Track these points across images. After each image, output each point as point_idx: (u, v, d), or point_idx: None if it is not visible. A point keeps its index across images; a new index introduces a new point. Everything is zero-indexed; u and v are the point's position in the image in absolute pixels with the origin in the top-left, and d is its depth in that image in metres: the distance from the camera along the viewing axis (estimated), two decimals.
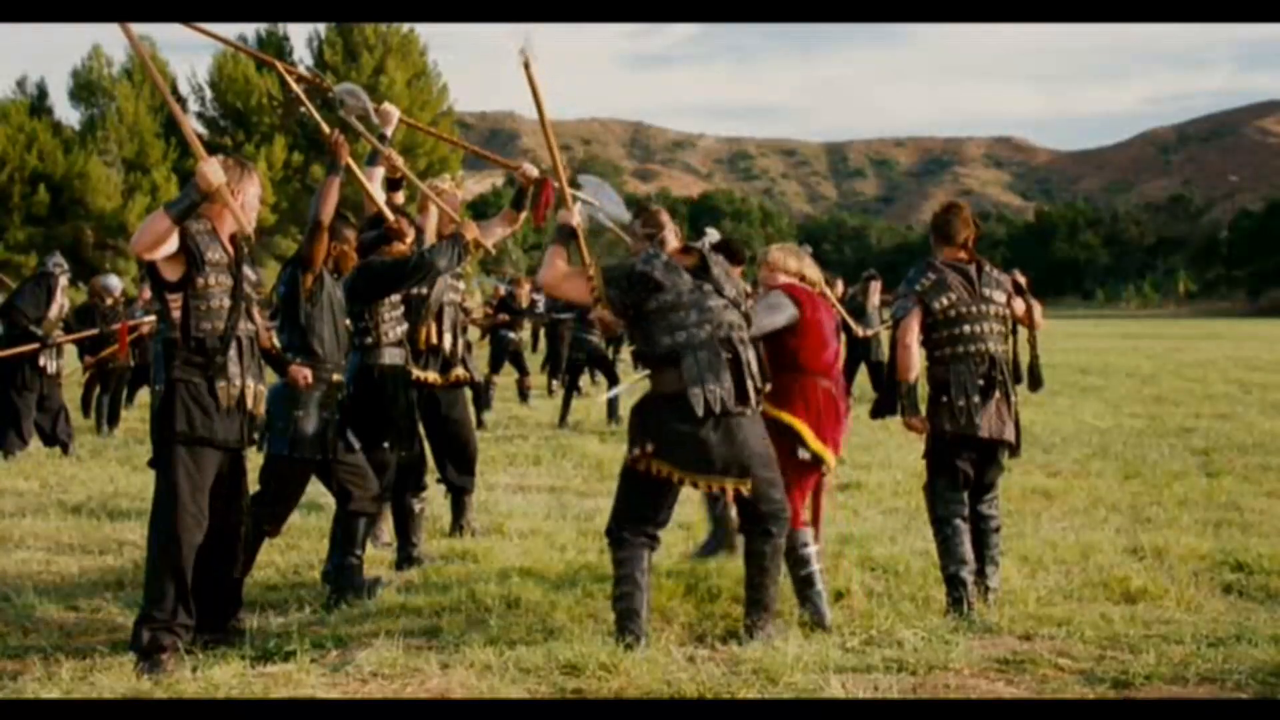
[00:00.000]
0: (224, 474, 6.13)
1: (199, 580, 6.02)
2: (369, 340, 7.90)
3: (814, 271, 7.34)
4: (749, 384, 6.15)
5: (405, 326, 8.15)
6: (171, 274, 5.94)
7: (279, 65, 8.10)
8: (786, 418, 6.66)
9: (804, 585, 6.61)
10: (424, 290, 8.33)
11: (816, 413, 6.72)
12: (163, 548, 5.93)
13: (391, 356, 7.96)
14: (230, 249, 6.11)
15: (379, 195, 7.91)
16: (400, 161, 8.16)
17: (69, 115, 64.60)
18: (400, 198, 8.44)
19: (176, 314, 5.98)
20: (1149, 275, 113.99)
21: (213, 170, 5.88)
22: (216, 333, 6.01)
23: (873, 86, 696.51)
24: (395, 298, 8.03)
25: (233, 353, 6.05)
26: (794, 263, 7.29)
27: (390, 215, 7.78)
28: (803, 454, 6.68)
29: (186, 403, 5.94)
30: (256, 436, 6.49)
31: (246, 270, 6.18)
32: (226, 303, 6.05)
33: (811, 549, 6.63)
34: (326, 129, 7.16)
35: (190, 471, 5.96)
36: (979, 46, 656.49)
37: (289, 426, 6.75)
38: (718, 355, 6.11)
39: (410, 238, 7.92)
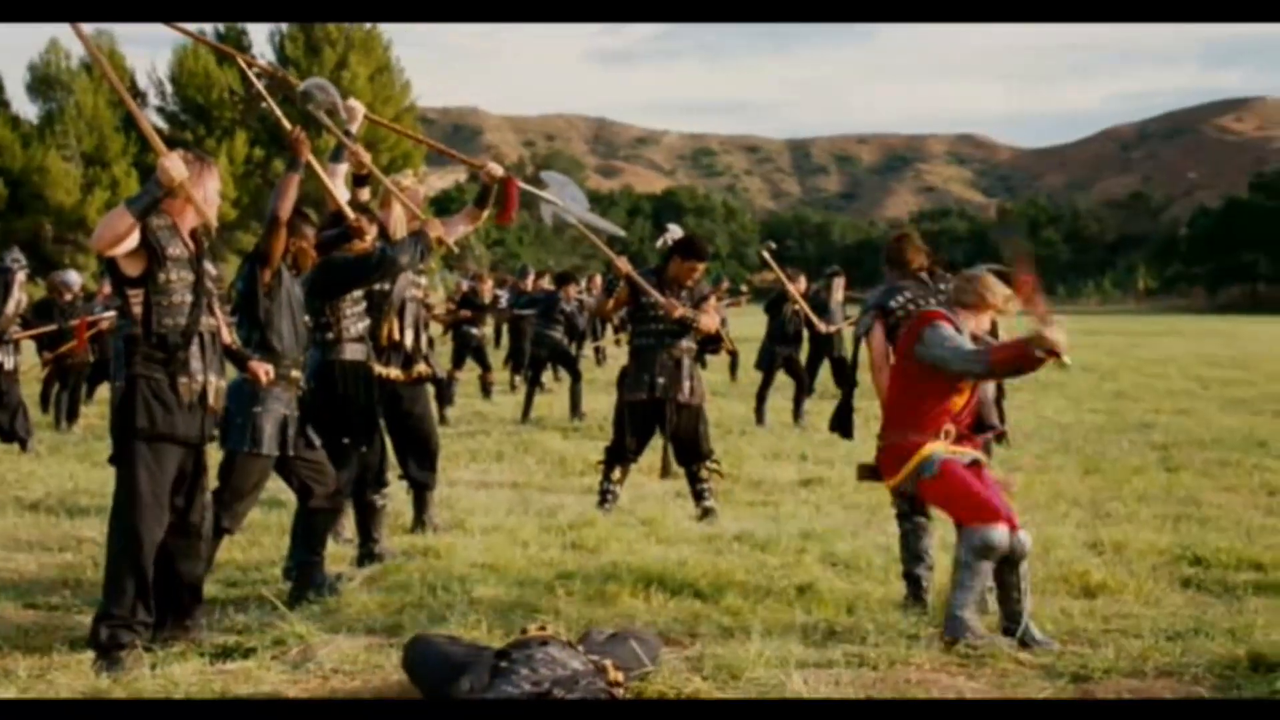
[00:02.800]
0: (185, 470, 6.10)
1: (159, 577, 5.99)
2: (330, 336, 7.87)
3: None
4: None
5: (367, 322, 8.12)
6: (132, 269, 5.90)
7: (240, 59, 8.06)
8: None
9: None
10: (386, 286, 8.31)
11: None
12: (123, 545, 5.90)
13: (353, 352, 7.93)
14: (191, 244, 6.07)
15: (340, 192, 7.88)
16: (367, 157, 8.13)
17: (26, 109, 63.99)
18: (366, 194, 8.41)
19: (138, 309, 5.94)
20: (1109, 272, 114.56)
21: (174, 165, 5.84)
22: (178, 328, 5.97)
23: (836, 84, 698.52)
24: (357, 294, 8.00)
25: (194, 348, 6.01)
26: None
27: (350, 213, 7.74)
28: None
29: (147, 399, 5.91)
30: (216, 433, 6.45)
31: (207, 265, 6.15)
32: (188, 298, 6.01)
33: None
34: (287, 125, 7.12)
35: (151, 468, 5.92)
36: (942, 44, 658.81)
37: (248, 422, 6.71)
38: None
39: (372, 235, 7.89)
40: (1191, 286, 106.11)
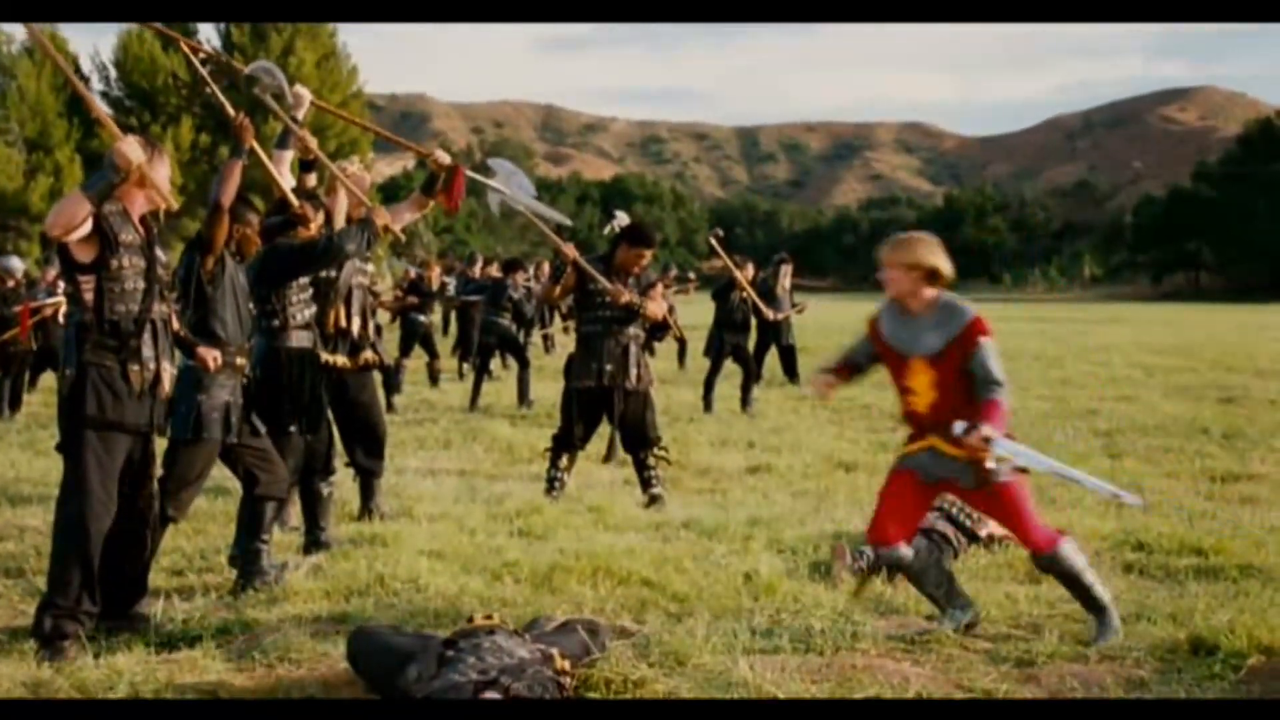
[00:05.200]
0: (133, 459, 6.06)
1: (104, 566, 5.95)
2: (276, 323, 7.83)
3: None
4: None
5: (313, 309, 8.08)
6: (84, 256, 5.85)
7: (185, 44, 7.98)
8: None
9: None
10: (332, 273, 8.27)
11: None
12: (68, 534, 5.86)
13: (299, 339, 7.89)
14: (142, 230, 6.03)
15: (285, 180, 7.83)
16: (314, 143, 8.08)
17: None
18: (313, 180, 8.36)
19: (89, 296, 5.89)
20: (1055, 260, 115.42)
21: (131, 149, 5.80)
22: (130, 315, 5.93)
23: (784, 71, 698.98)
24: (303, 281, 7.96)
25: (146, 335, 5.98)
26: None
27: (295, 200, 7.70)
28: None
29: (98, 387, 5.86)
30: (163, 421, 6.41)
31: (158, 252, 6.11)
32: (141, 285, 5.97)
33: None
34: (231, 111, 7.07)
35: (100, 457, 5.88)
36: (889, 33, 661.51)
37: (192, 410, 6.67)
38: None
39: (317, 222, 7.85)
40: (1136, 275, 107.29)
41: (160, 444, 6.49)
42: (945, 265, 6.24)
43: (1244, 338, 33.67)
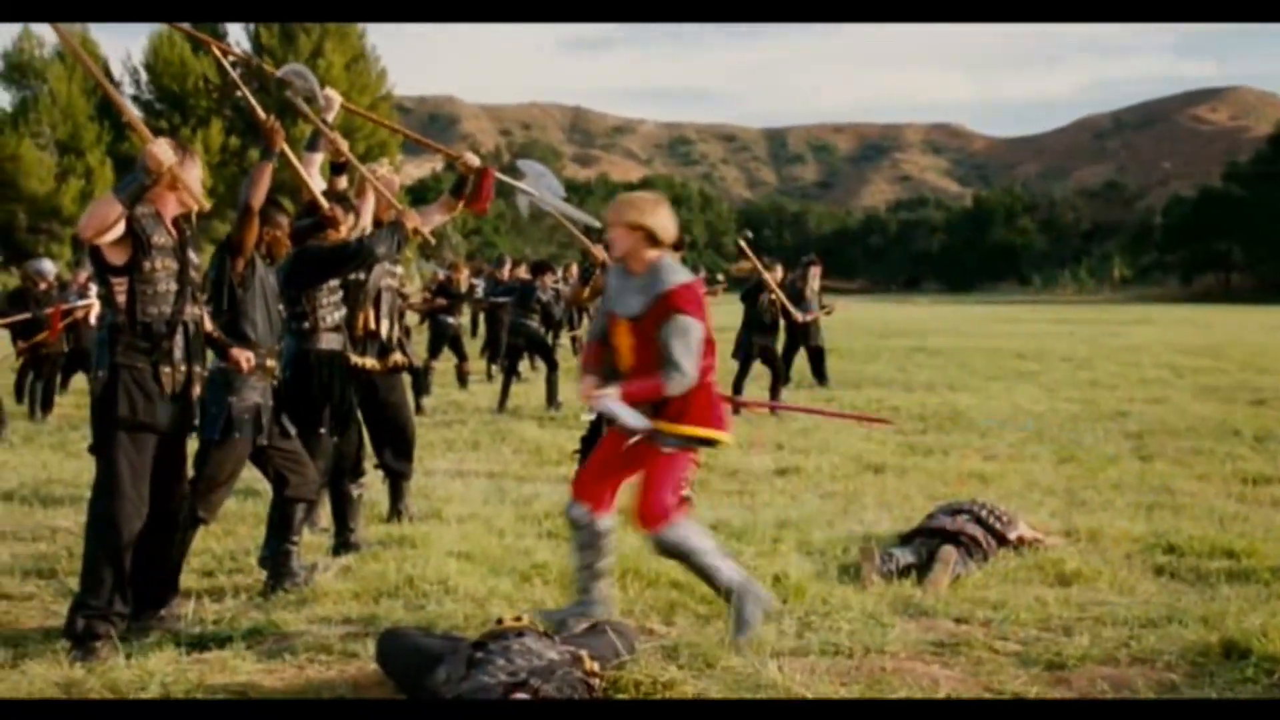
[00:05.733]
0: (164, 460, 6.09)
1: (135, 567, 5.98)
2: (306, 325, 7.85)
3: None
4: None
5: (343, 312, 8.09)
6: (117, 258, 5.89)
7: (216, 46, 8.00)
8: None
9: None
10: (361, 276, 8.29)
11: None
12: (101, 535, 5.89)
13: (329, 342, 7.91)
14: (174, 232, 6.07)
15: (315, 182, 7.85)
16: (345, 146, 8.10)
17: (0, 97, 63.80)
18: (344, 182, 8.38)
19: (122, 298, 5.93)
20: (1084, 261, 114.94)
21: (163, 151, 5.83)
22: (163, 317, 5.97)
23: (812, 72, 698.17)
24: (333, 283, 7.98)
25: (178, 337, 6.02)
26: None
27: (325, 202, 7.72)
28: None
29: (129, 388, 5.90)
30: (196, 422, 6.45)
31: (190, 254, 6.15)
32: (173, 287, 6.01)
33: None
34: (262, 113, 7.09)
35: (131, 458, 5.92)
36: (917, 33, 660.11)
37: (223, 412, 6.69)
38: None
39: (347, 224, 7.87)
40: (1166, 275, 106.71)
41: (191, 445, 6.52)
42: (666, 227, 6.02)
43: (1275, 338, 33.47)
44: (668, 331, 5.76)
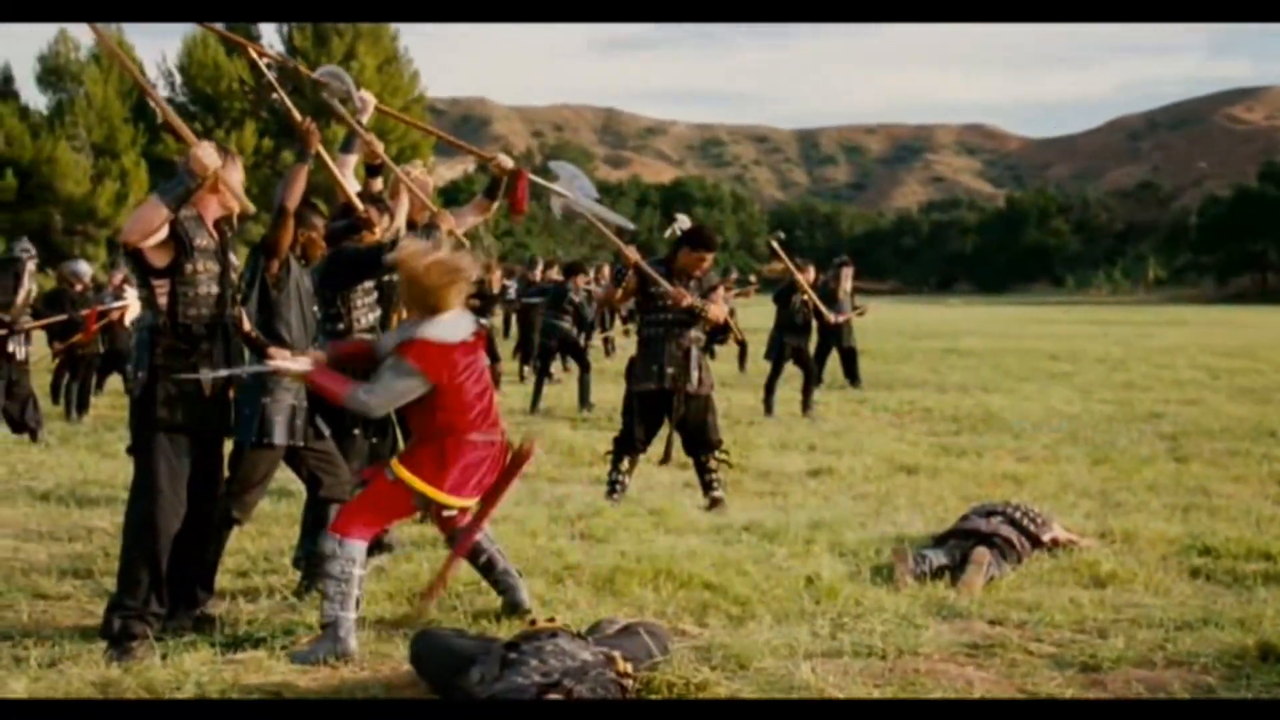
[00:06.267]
0: (201, 461, 6.12)
1: (171, 567, 6.01)
2: (341, 327, 7.87)
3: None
4: None
5: (378, 313, 8.12)
6: (159, 260, 5.92)
7: (251, 48, 8.03)
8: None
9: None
10: (395, 277, 8.30)
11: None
12: (138, 536, 5.93)
13: None
14: (215, 235, 6.10)
15: (350, 184, 7.87)
16: (380, 147, 8.12)
17: (36, 100, 64.18)
18: (379, 184, 8.40)
19: (163, 301, 5.96)
20: (1119, 262, 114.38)
21: (208, 154, 5.87)
22: (203, 320, 6.01)
23: (844, 73, 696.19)
24: (368, 284, 8.00)
25: (218, 340, 6.05)
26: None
27: (359, 204, 7.74)
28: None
29: (169, 390, 5.93)
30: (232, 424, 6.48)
31: (230, 256, 6.18)
32: (214, 289, 6.05)
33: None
34: (297, 115, 7.11)
35: (170, 459, 5.95)
36: (949, 33, 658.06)
37: (256, 413, 6.71)
38: None
39: (382, 226, 7.88)
40: (1201, 276, 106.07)
41: (226, 446, 6.55)
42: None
43: None
44: (389, 363, 6.07)
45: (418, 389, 6.05)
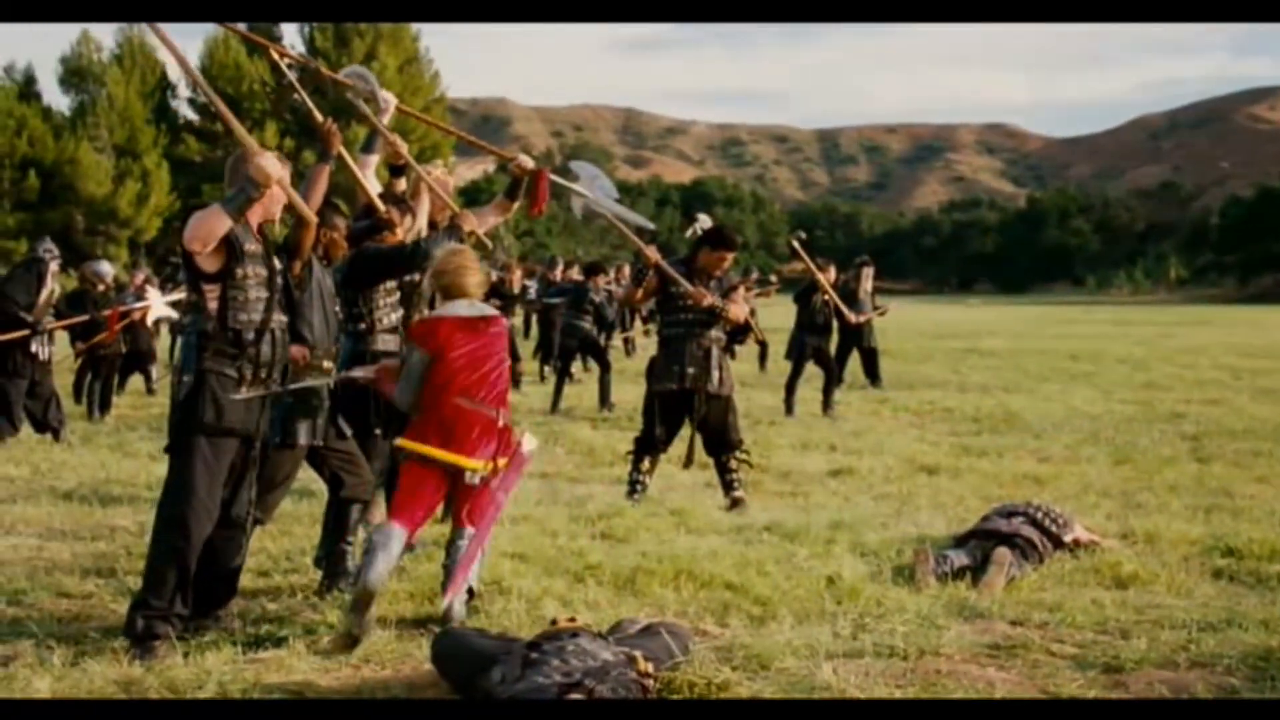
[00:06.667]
0: (235, 463, 6.14)
1: (198, 569, 6.02)
2: (363, 326, 7.89)
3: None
4: None
5: (400, 313, 8.13)
6: (210, 265, 5.95)
7: (273, 49, 8.05)
8: None
9: None
10: (416, 277, 8.32)
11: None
12: (168, 536, 5.94)
13: (385, 343, 7.94)
14: (261, 240, 6.14)
15: (372, 185, 7.88)
16: (404, 148, 8.14)
17: (58, 101, 64.57)
18: (403, 184, 8.42)
19: (213, 305, 5.99)
20: (1140, 261, 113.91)
21: (270, 164, 5.89)
22: (252, 324, 6.05)
23: (864, 72, 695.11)
24: (391, 284, 8.02)
25: (264, 344, 6.07)
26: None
27: (381, 205, 7.75)
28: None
29: (215, 393, 5.95)
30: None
31: (275, 261, 6.21)
32: (262, 294, 6.08)
33: None
34: (319, 116, 7.13)
35: (209, 462, 5.97)
36: (969, 33, 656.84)
37: (279, 415, 6.73)
38: None
39: (404, 227, 7.89)
40: (1222, 276, 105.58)
41: None
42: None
43: None
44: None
45: (419, 364, 6.39)
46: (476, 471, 6.34)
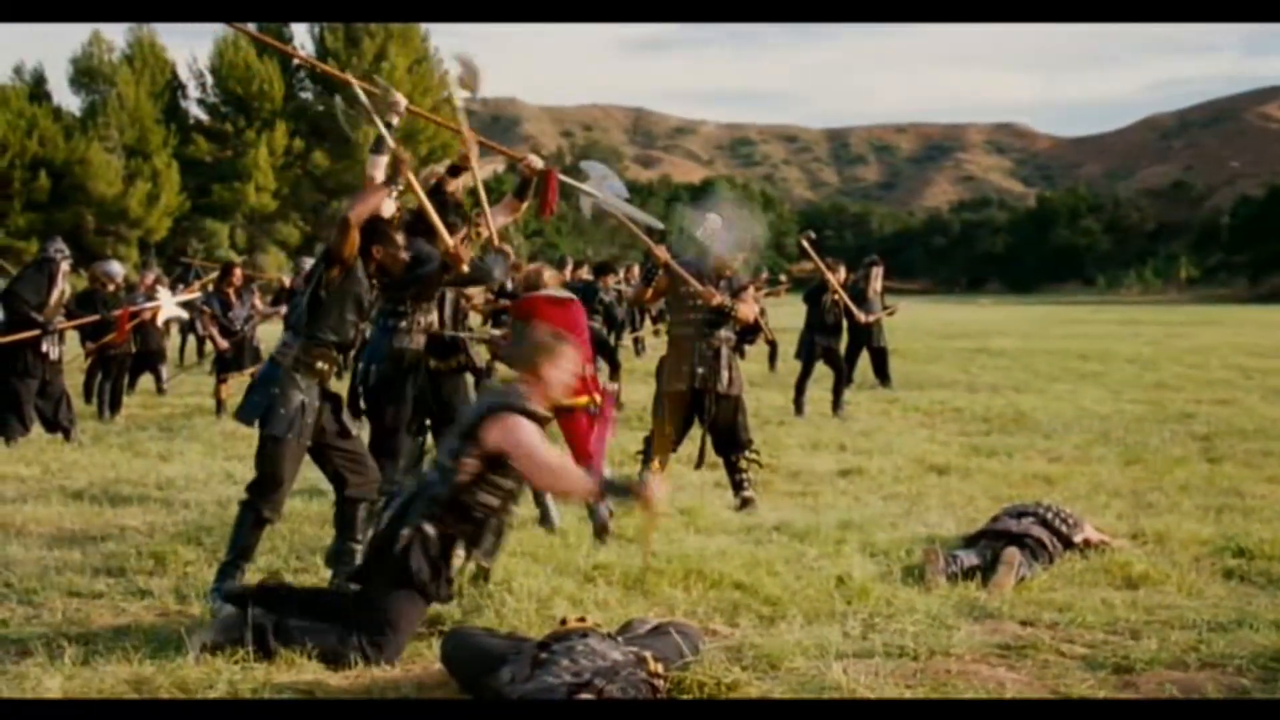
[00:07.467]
0: None
1: None
2: (402, 325, 7.94)
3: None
4: None
5: (434, 315, 8.18)
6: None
7: (353, 81, 7.90)
8: None
9: None
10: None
11: None
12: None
13: (418, 342, 8.00)
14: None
15: (443, 228, 7.73)
16: (476, 151, 8.25)
17: (69, 101, 64.54)
18: (457, 183, 8.46)
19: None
20: (1150, 261, 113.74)
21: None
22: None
23: (873, 72, 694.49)
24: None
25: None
26: None
27: (450, 241, 7.65)
28: None
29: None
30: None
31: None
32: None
33: None
34: (391, 143, 7.16)
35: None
36: (978, 32, 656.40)
37: (263, 401, 6.71)
38: None
39: (467, 255, 7.79)
40: (1233, 276, 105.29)
41: (251, 444, 6.61)
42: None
43: None
44: None
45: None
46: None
